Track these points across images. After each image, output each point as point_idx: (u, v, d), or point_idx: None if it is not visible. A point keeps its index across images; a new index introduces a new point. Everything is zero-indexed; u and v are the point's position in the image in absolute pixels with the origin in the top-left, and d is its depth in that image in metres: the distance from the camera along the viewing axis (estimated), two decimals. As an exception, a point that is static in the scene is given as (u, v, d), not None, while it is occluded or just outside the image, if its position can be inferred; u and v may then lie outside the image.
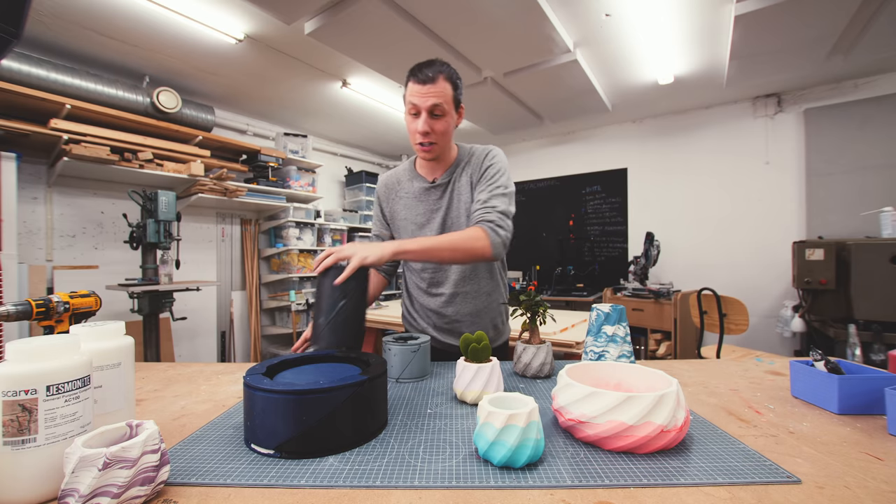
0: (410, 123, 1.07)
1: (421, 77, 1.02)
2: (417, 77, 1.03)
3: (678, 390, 0.55)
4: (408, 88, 1.05)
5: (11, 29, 0.78)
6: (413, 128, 1.06)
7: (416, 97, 1.02)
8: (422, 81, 1.02)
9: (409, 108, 1.06)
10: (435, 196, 1.16)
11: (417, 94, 1.02)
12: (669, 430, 0.52)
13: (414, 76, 1.04)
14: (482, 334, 0.76)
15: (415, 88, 1.02)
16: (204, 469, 0.50)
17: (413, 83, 1.03)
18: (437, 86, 1.02)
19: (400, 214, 1.21)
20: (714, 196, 3.71)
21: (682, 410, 0.54)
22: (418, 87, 1.02)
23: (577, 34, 2.49)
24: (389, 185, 1.24)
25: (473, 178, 1.16)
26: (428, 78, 1.02)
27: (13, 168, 2.14)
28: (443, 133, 1.06)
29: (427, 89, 1.02)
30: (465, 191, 1.15)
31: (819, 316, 2.66)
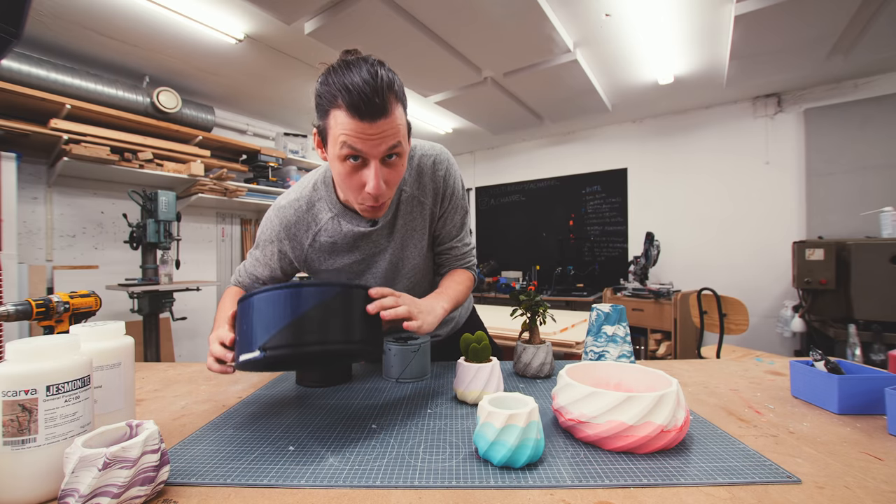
0: (348, 175, 0.70)
1: (367, 109, 0.63)
2: (359, 109, 0.63)
3: (678, 390, 0.55)
4: (334, 119, 0.66)
5: (11, 29, 0.78)
6: (354, 182, 0.70)
7: (359, 140, 0.65)
8: (369, 116, 0.64)
9: (340, 151, 0.67)
10: (374, 238, 0.87)
11: (361, 135, 0.65)
12: (669, 430, 0.52)
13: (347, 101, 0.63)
14: (482, 334, 0.76)
15: (353, 127, 0.64)
16: (204, 469, 0.50)
17: (347, 116, 0.64)
18: (392, 118, 0.66)
19: (323, 265, 0.89)
20: (714, 196, 3.72)
21: (682, 410, 0.54)
22: (363, 125, 0.64)
23: (577, 34, 2.49)
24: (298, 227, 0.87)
25: (433, 209, 0.89)
26: (377, 109, 0.64)
27: (13, 168, 2.14)
28: (398, 181, 0.75)
29: (378, 128, 0.65)
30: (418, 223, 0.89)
31: (819, 316, 2.66)
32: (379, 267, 0.90)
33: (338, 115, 0.66)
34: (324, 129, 0.70)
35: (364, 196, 0.72)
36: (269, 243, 0.89)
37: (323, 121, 0.70)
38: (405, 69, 2.76)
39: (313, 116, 0.74)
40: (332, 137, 0.68)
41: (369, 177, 0.69)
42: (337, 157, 0.69)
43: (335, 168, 0.72)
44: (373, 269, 0.91)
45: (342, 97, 0.64)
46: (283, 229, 0.87)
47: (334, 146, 0.68)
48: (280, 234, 0.87)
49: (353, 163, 0.68)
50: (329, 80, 0.66)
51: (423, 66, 2.69)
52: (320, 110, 0.70)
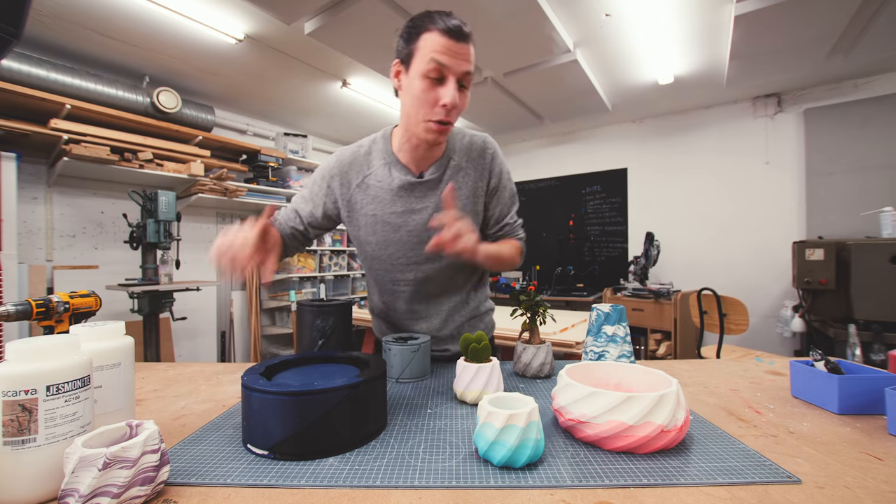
0: (425, 91, 0.77)
1: (454, 30, 0.75)
2: (449, 28, 0.75)
3: (678, 390, 0.55)
4: (426, 40, 0.76)
5: (11, 29, 0.78)
6: (430, 97, 0.78)
7: (447, 55, 0.75)
8: (456, 36, 0.75)
9: (427, 66, 0.75)
10: (418, 194, 0.91)
11: (449, 51, 0.75)
12: (669, 430, 0.52)
13: (440, 26, 0.75)
14: (482, 334, 0.76)
15: (444, 43, 0.75)
16: (204, 469, 0.50)
17: (440, 35, 0.75)
18: (471, 48, 0.78)
19: (364, 209, 0.93)
20: (714, 196, 3.72)
21: (682, 410, 0.54)
22: (450, 43, 0.75)
23: (577, 34, 2.49)
24: (352, 168, 0.93)
25: (478, 184, 0.95)
26: (465, 35, 0.76)
27: (13, 168, 2.14)
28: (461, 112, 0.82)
29: (463, 49, 0.76)
30: (461, 192, 0.93)
31: (819, 316, 2.66)
32: (415, 223, 0.92)
33: (431, 36, 0.76)
34: (410, 52, 0.79)
35: (438, 110, 0.78)
36: (321, 179, 0.95)
37: (411, 45, 0.78)
38: (405, 69, 2.76)
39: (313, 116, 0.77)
40: (420, 56, 0.77)
41: (446, 92, 0.77)
42: (421, 73, 0.77)
43: (414, 87, 0.79)
44: (409, 226, 0.92)
45: (436, 23, 0.76)
46: (337, 165, 0.94)
47: (421, 63, 0.77)
48: (333, 169, 0.94)
49: (432, 80, 0.77)
50: (422, 15, 0.80)
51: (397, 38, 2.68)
52: (409, 36, 0.79)
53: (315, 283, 3.88)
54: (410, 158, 0.91)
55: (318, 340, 0.85)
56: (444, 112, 0.78)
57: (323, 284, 3.94)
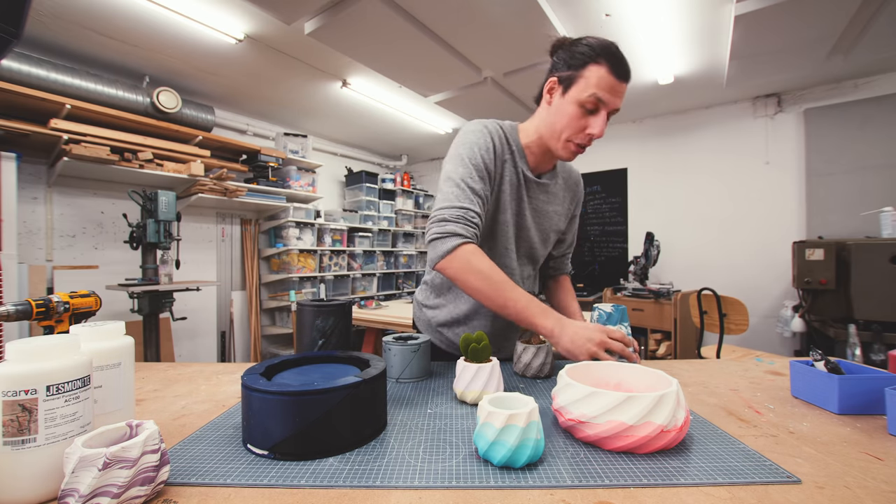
0: (577, 118, 0.85)
1: (623, 70, 0.82)
2: (619, 68, 0.82)
3: (678, 390, 0.55)
4: (592, 74, 0.82)
5: (11, 29, 0.78)
6: (581, 123, 0.85)
7: (609, 92, 0.82)
8: (622, 77, 0.82)
9: (587, 99, 0.82)
10: (533, 193, 0.98)
11: (612, 89, 0.82)
12: (669, 430, 0.52)
13: (612, 64, 0.81)
14: (482, 334, 0.76)
15: (610, 82, 0.81)
16: (204, 469, 0.50)
17: (608, 73, 0.81)
18: (626, 88, 0.85)
19: (500, 187, 0.94)
20: (714, 196, 3.72)
21: (682, 410, 0.54)
22: (615, 82, 0.82)
23: (576, 34, 2.48)
24: (502, 144, 0.94)
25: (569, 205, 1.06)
26: (628, 74, 0.83)
27: (13, 168, 2.14)
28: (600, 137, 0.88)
29: (622, 88, 0.83)
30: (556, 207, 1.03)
31: (819, 316, 2.66)
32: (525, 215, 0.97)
33: (598, 70, 0.81)
34: (573, 77, 0.84)
35: (583, 136, 0.86)
36: (484, 151, 0.89)
37: (576, 70, 0.84)
38: (405, 69, 2.76)
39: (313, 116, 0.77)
40: (582, 86, 0.83)
41: (597, 122, 0.83)
42: (577, 100, 0.83)
43: (566, 110, 0.85)
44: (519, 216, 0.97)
45: (607, 58, 0.81)
46: (496, 135, 0.93)
47: (581, 92, 0.82)
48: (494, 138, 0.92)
49: (586, 110, 0.83)
50: (591, 42, 0.83)
51: (423, 66, 2.69)
52: (576, 61, 0.84)
53: (315, 283, 3.88)
54: (535, 156, 0.97)
55: (318, 340, 0.85)
56: (589, 140, 0.86)
57: (323, 284, 3.94)
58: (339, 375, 0.64)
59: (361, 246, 4.39)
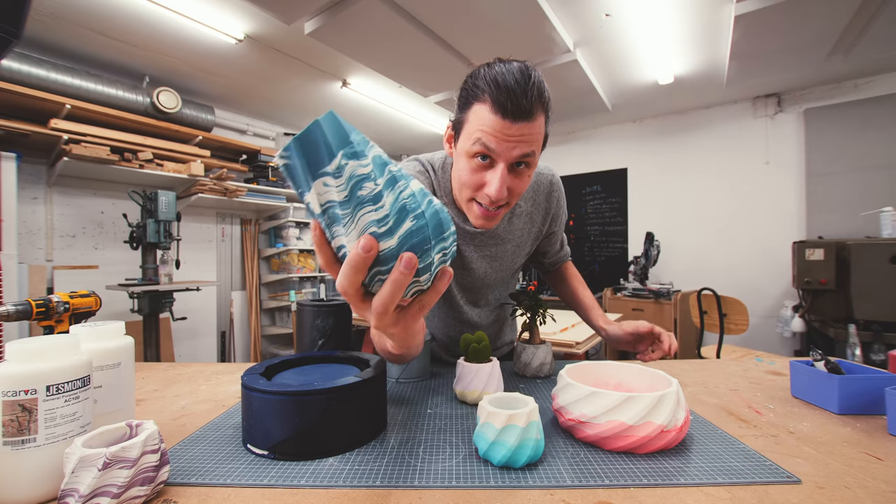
0: (472, 172, 0.69)
1: (511, 106, 0.61)
2: (503, 105, 0.62)
3: (678, 390, 0.55)
4: (475, 114, 0.66)
5: (11, 29, 0.78)
6: (475, 180, 0.69)
7: (493, 138, 0.63)
8: (512, 116, 0.62)
9: (471, 147, 0.66)
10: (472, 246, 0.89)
11: (497, 133, 0.63)
12: (669, 430, 0.52)
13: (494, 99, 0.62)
14: (482, 334, 0.76)
15: (493, 122, 0.63)
16: (204, 469, 0.50)
17: (490, 111, 0.63)
18: (534, 124, 0.64)
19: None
20: (714, 196, 3.72)
21: (683, 410, 0.54)
22: (503, 124, 0.62)
23: (577, 34, 2.49)
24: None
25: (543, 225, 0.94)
26: (522, 110, 0.62)
27: (13, 168, 2.14)
28: (520, 193, 0.72)
29: (518, 130, 0.63)
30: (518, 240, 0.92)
31: (819, 316, 2.66)
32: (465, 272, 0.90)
33: (480, 109, 0.65)
34: (460, 122, 0.70)
35: (482, 196, 0.69)
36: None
37: (462, 113, 0.69)
38: (405, 69, 2.76)
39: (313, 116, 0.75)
40: (468, 132, 0.67)
41: (493, 179, 0.66)
42: (466, 152, 0.68)
43: (460, 164, 0.71)
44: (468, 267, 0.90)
45: (489, 91, 0.63)
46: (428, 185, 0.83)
47: (467, 140, 0.67)
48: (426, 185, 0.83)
49: (480, 162, 0.67)
50: (479, 73, 0.67)
51: (423, 66, 2.69)
52: (462, 102, 0.70)
53: (315, 283, 3.88)
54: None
55: (318, 340, 0.85)
56: (489, 201, 0.69)
57: (323, 284, 3.94)
58: (339, 375, 0.64)
59: (361, 246, 4.38)
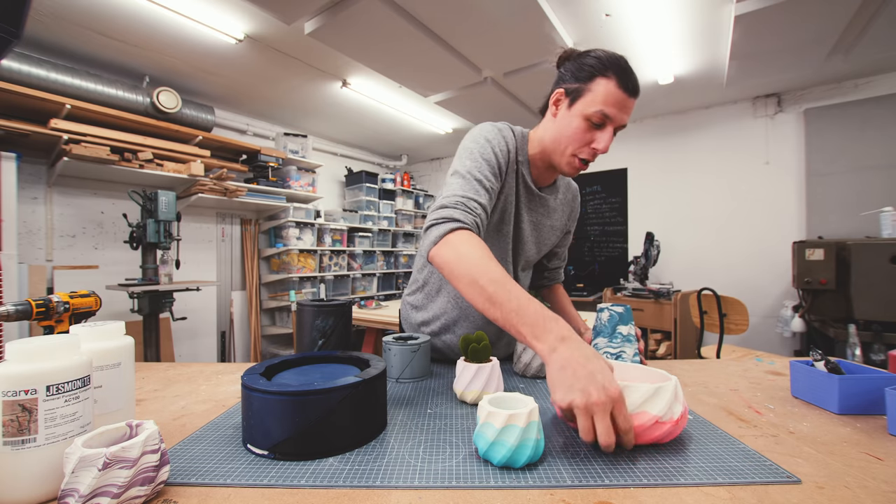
0: (582, 132, 0.82)
1: (631, 85, 0.79)
2: (628, 83, 0.79)
3: (676, 384, 0.55)
4: (600, 86, 0.79)
5: (11, 29, 0.78)
6: (585, 137, 0.82)
7: (616, 108, 0.79)
8: (631, 92, 0.79)
9: (593, 114, 0.79)
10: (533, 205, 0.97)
11: (619, 104, 0.79)
12: (665, 421, 0.52)
13: (621, 78, 0.78)
14: (482, 334, 0.76)
15: (618, 96, 0.78)
16: (204, 469, 0.50)
17: (616, 87, 0.78)
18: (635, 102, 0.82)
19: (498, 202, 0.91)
20: (714, 196, 3.72)
21: (680, 405, 0.54)
22: (623, 96, 0.78)
23: (577, 34, 2.49)
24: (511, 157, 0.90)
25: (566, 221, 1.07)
26: (636, 89, 0.80)
27: (13, 168, 2.14)
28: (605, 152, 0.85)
29: (630, 103, 0.80)
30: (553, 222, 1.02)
31: (819, 316, 2.66)
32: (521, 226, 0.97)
33: (606, 83, 0.78)
34: (580, 90, 0.81)
35: (588, 151, 0.83)
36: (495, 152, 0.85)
37: (584, 84, 0.81)
38: (405, 69, 2.76)
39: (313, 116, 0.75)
40: (590, 99, 0.80)
41: (603, 137, 0.81)
42: (583, 114, 0.80)
43: (571, 123, 0.82)
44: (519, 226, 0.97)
45: (615, 72, 0.78)
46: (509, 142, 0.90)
47: (588, 106, 0.80)
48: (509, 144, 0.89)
49: (592, 124, 0.81)
50: (600, 55, 0.80)
51: (423, 66, 2.69)
52: (584, 73, 0.81)
53: (315, 283, 3.88)
54: (535, 172, 0.95)
55: (318, 340, 0.85)
56: (593, 155, 0.83)
57: (323, 284, 3.94)
58: (339, 375, 0.64)
59: (361, 246, 4.39)
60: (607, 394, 0.49)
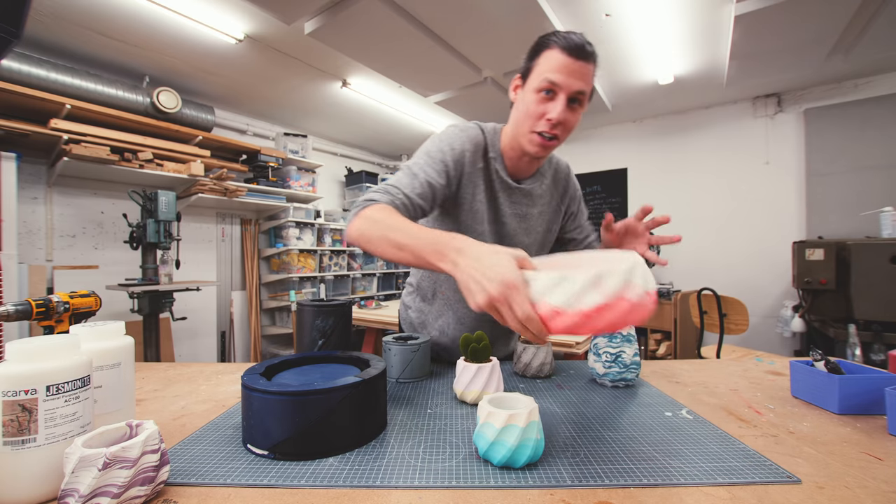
0: (536, 104, 0.80)
1: (575, 50, 0.76)
2: (570, 48, 0.76)
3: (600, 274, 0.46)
4: (544, 58, 0.79)
5: (11, 29, 0.78)
6: (539, 110, 0.80)
7: (561, 74, 0.76)
8: (576, 55, 0.76)
9: (539, 84, 0.78)
10: (515, 199, 0.95)
11: (565, 70, 0.76)
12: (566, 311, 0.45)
13: (563, 44, 0.77)
14: (482, 334, 0.76)
15: (562, 61, 0.76)
16: (204, 469, 0.50)
17: (561, 53, 0.76)
18: (590, 67, 0.78)
19: (465, 205, 0.90)
20: (714, 196, 3.72)
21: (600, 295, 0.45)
22: (569, 61, 0.76)
23: (577, 34, 2.49)
24: (478, 149, 0.90)
25: (561, 203, 1.02)
26: (584, 53, 0.77)
27: (13, 168, 2.14)
28: (570, 129, 0.83)
29: (580, 67, 0.77)
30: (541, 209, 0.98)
31: (819, 316, 2.66)
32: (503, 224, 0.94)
33: (550, 53, 0.78)
34: (529, 68, 0.82)
35: (543, 123, 0.80)
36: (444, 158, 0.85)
37: (531, 62, 0.82)
38: (405, 69, 2.76)
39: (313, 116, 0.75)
40: (537, 73, 0.80)
41: (555, 107, 0.78)
42: (534, 89, 0.80)
43: (526, 100, 0.82)
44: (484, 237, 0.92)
45: (559, 41, 0.77)
46: (458, 155, 0.87)
47: (536, 79, 0.79)
48: (457, 159, 0.86)
49: (544, 95, 0.79)
50: (547, 34, 0.80)
51: (423, 66, 2.69)
52: (531, 55, 0.82)
53: (315, 283, 3.88)
54: (513, 162, 0.93)
55: (318, 340, 0.85)
56: (549, 126, 0.80)
57: (323, 284, 3.94)
58: (339, 375, 0.64)
59: (361, 246, 4.38)
60: (503, 284, 0.47)
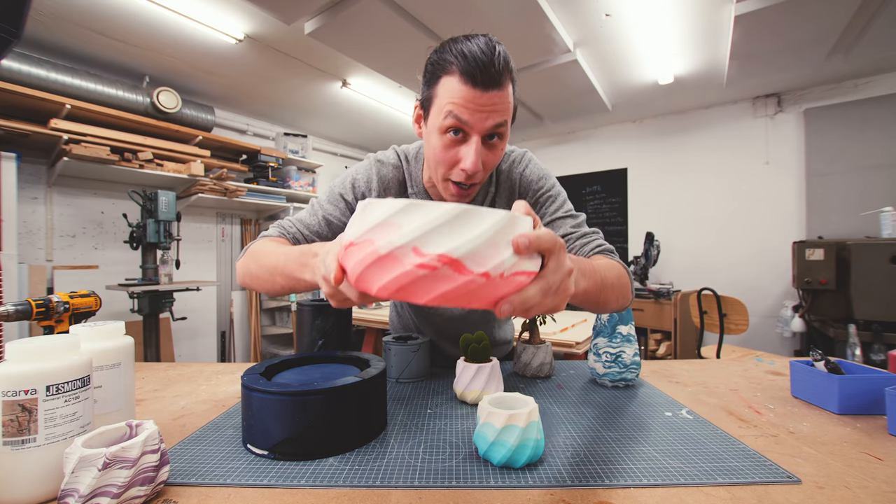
0: (444, 148, 0.65)
1: (482, 76, 0.59)
2: (472, 74, 0.59)
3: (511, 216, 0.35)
4: (444, 86, 0.63)
5: (11, 29, 0.78)
6: (449, 156, 0.66)
7: (465, 109, 0.61)
8: (483, 84, 0.60)
9: (443, 122, 0.63)
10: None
11: (472, 104, 0.61)
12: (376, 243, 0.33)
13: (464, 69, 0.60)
14: (482, 334, 0.76)
15: (467, 94, 0.60)
16: (204, 469, 0.50)
17: (462, 82, 0.60)
18: (504, 93, 0.62)
19: None
20: (714, 196, 3.72)
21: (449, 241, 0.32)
22: (475, 94, 0.60)
23: (577, 34, 2.49)
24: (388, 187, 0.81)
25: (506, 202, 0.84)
26: (492, 79, 0.60)
27: (13, 168, 2.14)
28: (494, 165, 0.69)
29: (490, 98, 0.61)
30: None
31: (819, 316, 2.66)
32: None
33: (449, 81, 0.62)
34: (429, 98, 0.66)
35: (457, 173, 0.66)
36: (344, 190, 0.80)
37: (430, 89, 0.66)
38: (405, 69, 2.76)
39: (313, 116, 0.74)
40: (438, 107, 0.64)
41: (468, 153, 0.63)
42: (438, 128, 0.64)
43: (432, 142, 0.67)
44: None
45: (457, 63, 0.60)
46: (378, 181, 0.80)
47: (437, 116, 0.64)
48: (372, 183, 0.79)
49: (453, 136, 0.64)
50: (445, 48, 0.63)
51: (423, 66, 2.68)
52: (429, 79, 0.66)
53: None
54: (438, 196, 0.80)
55: (318, 340, 0.85)
56: (464, 176, 0.66)
57: (323, 284, 3.93)
58: (339, 375, 0.64)
59: (361, 246, 4.38)
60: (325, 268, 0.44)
